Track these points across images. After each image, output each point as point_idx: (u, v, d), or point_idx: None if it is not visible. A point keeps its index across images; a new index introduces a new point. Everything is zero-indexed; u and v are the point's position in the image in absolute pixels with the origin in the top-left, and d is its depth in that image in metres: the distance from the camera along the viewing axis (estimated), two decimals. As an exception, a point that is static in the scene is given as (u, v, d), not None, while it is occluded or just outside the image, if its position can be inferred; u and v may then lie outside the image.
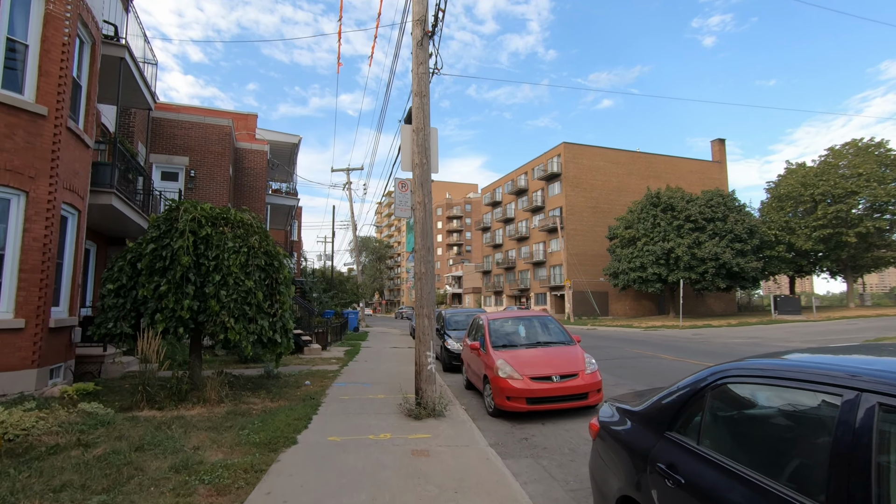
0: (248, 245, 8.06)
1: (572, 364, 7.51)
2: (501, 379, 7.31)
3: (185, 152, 17.32)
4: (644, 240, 38.13)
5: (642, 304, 52.68)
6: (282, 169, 26.93)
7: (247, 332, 7.74)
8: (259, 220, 8.84)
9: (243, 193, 20.23)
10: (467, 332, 10.66)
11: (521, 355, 7.80)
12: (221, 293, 7.62)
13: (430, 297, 7.47)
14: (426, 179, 7.67)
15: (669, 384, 3.12)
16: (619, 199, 53.86)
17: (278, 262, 8.49)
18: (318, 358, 14.27)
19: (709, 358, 14.15)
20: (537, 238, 58.03)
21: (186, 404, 7.20)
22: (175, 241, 7.56)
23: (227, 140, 17.89)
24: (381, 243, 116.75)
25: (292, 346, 9.14)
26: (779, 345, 18.29)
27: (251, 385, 9.20)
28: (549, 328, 8.97)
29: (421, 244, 7.54)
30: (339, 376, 10.81)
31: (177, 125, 17.30)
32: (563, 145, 53.91)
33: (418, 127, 7.77)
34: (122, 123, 14.78)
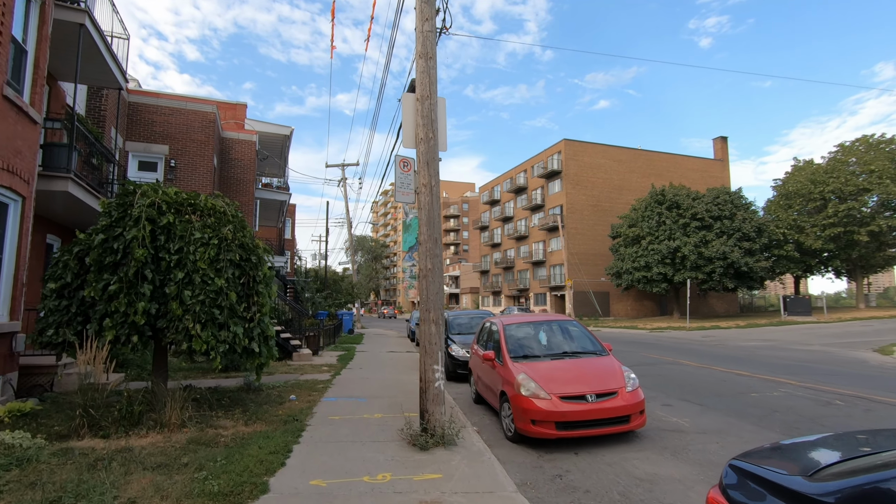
0: (219, 236, 6.75)
1: (609, 380, 6.23)
2: (524, 398, 6.03)
3: (165, 140, 15.96)
4: (649, 238, 36.97)
5: (644, 305, 51.58)
6: (273, 162, 25.57)
7: (216, 340, 6.43)
8: (236, 208, 7.53)
9: (230, 186, 18.87)
10: (476, 338, 9.38)
11: (547, 369, 6.52)
12: (185, 294, 6.31)
13: (438, 298, 6.19)
14: (433, 157, 6.39)
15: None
16: (620, 198, 52.74)
17: (256, 258, 7.19)
18: (307, 365, 12.94)
19: (736, 364, 12.93)
20: (537, 237, 56.83)
21: (140, 430, 5.88)
22: (128, 231, 6.24)
23: (211, 128, 16.54)
24: (377, 242, 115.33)
25: (275, 355, 7.83)
26: (797, 348, 17.14)
27: (226, 401, 7.88)
28: (574, 335, 7.70)
29: (427, 235, 6.26)
30: (329, 388, 9.50)
31: (155, 111, 15.93)
32: (563, 142, 52.72)
33: (423, 95, 6.49)
34: (92, 106, 13.42)
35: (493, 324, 8.29)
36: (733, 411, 7.60)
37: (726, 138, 59.56)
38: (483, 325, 9.30)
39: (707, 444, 5.97)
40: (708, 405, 8.10)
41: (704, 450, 5.74)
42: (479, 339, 9.12)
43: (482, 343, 8.79)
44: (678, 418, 7.27)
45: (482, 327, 9.22)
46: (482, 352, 8.15)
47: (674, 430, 6.67)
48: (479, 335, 9.24)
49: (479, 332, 9.25)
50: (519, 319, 8.16)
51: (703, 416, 7.41)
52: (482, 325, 9.32)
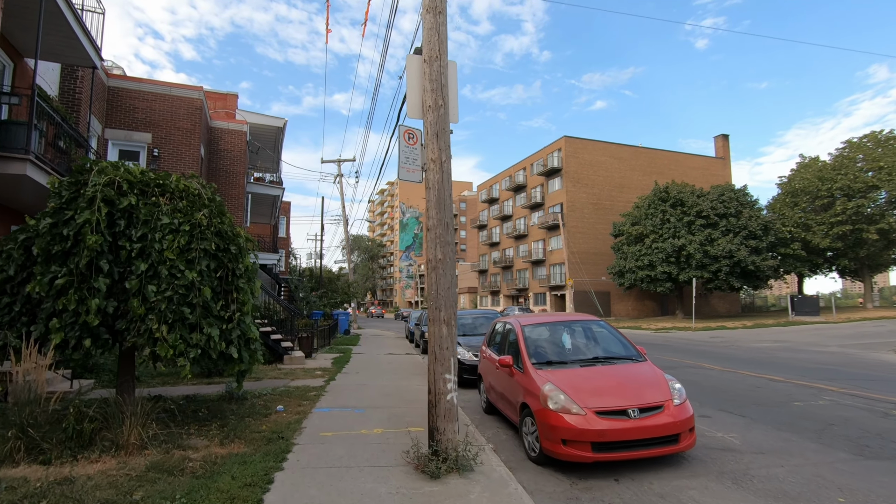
0: (191, 222, 5.75)
1: (653, 391, 5.27)
2: (552, 413, 5.06)
3: (148, 128, 14.90)
4: (652, 237, 36.09)
5: (645, 305, 50.76)
6: (265, 156, 24.54)
7: (186, 344, 5.43)
8: (213, 191, 6.53)
9: (218, 178, 17.83)
10: (486, 340, 8.41)
11: (577, 377, 5.55)
12: (149, 289, 5.31)
13: (450, 294, 5.21)
14: (442, 128, 5.41)
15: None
16: (621, 196, 51.93)
17: (237, 248, 6.19)
18: (299, 369, 11.93)
19: (761, 368, 12.01)
20: (536, 236, 55.94)
21: (91, 452, 4.87)
22: (80, 214, 5.23)
23: (198, 115, 15.50)
24: (373, 242, 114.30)
25: (259, 360, 6.84)
26: (815, 350, 16.28)
27: (203, 413, 6.87)
28: (603, 337, 6.74)
29: (436, 219, 5.28)
30: (322, 396, 8.50)
31: (137, 96, 14.88)
32: (563, 139, 51.85)
33: (431, 55, 5.50)
34: (66, 89, 12.38)
35: (509, 325, 7.31)
36: (784, 425, 6.66)
37: (727, 136, 58.86)
38: (494, 326, 8.33)
39: (771, 468, 5.02)
40: (751, 416, 7.15)
41: (771, 476, 4.79)
42: (490, 342, 8.15)
43: (494, 346, 7.82)
44: (724, 433, 6.32)
45: (494, 329, 8.25)
46: (496, 356, 7.18)
47: (724, 448, 5.71)
48: (490, 337, 8.27)
49: (491, 333, 8.27)
50: (538, 320, 7.18)
51: (750, 430, 6.46)
52: (494, 327, 8.35)
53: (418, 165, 5.54)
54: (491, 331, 8.34)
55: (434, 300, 5.18)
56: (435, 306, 5.17)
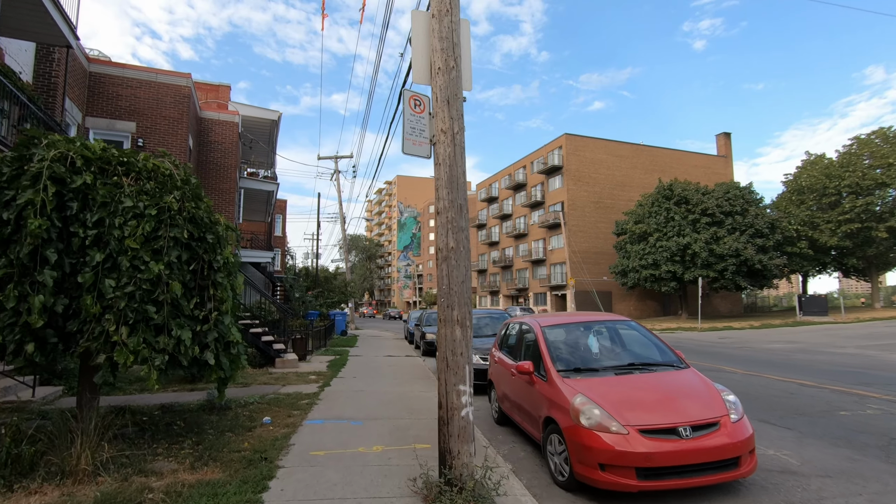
0: (160, 206, 4.91)
1: (705, 404, 4.45)
2: (587, 432, 4.23)
3: (132, 117, 14.03)
4: (657, 235, 35.32)
5: (647, 305, 50.03)
6: (260, 150, 23.66)
7: (151, 348, 4.59)
8: (188, 171, 5.68)
9: (209, 172, 16.97)
10: (497, 343, 7.59)
11: (612, 388, 4.72)
12: (106, 284, 4.47)
13: (464, 289, 4.39)
14: (455, 94, 4.58)
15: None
16: (622, 194, 51.19)
17: (214, 237, 5.35)
18: (292, 373, 11.07)
19: (784, 371, 11.23)
20: (537, 235, 55.15)
21: (31, 481, 4.03)
22: (21, 195, 4.39)
23: (186, 103, 14.64)
24: (371, 242, 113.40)
25: (242, 365, 6.02)
26: (832, 351, 15.53)
27: (178, 426, 6.02)
28: (635, 340, 5.93)
29: (448, 200, 4.46)
30: (315, 405, 7.65)
31: (121, 83, 14.01)
32: (564, 137, 51.08)
33: (442, 10, 4.67)
34: (41, 71, 11.52)
35: (525, 326, 6.48)
36: (840, 439, 5.85)
37: (729, 134, 58.21)
38: (507, 326, 7.50)
39: (849, 497, 4.20)
40: (800, 429, 6.34)
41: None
42: (501, 345, 7.33)
43: (507, 349, 7.00)
44: (775, 450, 5.50)
45: (506, 330, 7.42)
46: (511, 361, 6.36)
47: (783, 469, 4.90)
48: (501, 339, 7.44)
49: (503, 336, 7.44)
50: (560, 320, 6.34)
51: (804, 445, 5.65)
52: (506, 328, 7.53)
53: (426, 138, 4.70)
54: (503, 333, 7.51)
55: (445, 297, 4.35)
56: (446, 304, 4.34)
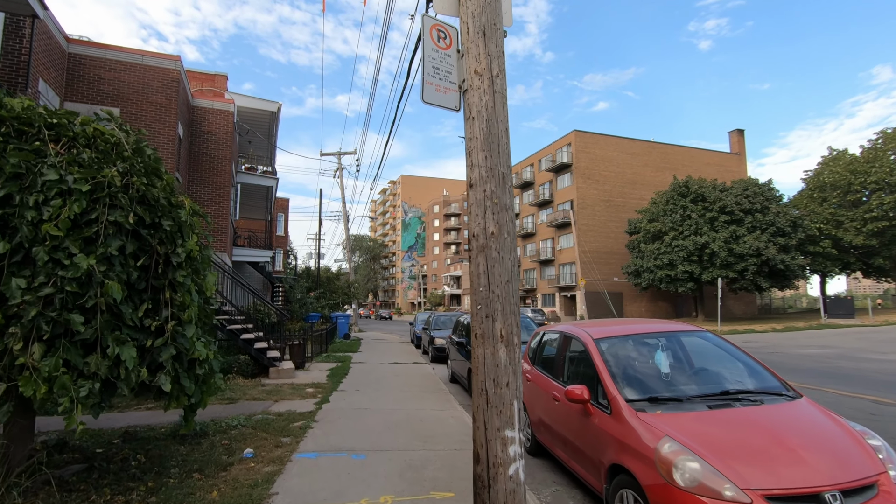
0: (97, 179, 3.67)
1: (849, 455, 3.16)
2: (685, 496, 2.95)
3: (115, 102, 12.86)
4: (672, 234, 33.93)
5: (659, 306, 48.59)
6: (258, 143, 22.50)
7: (78, 373, 3.36)
8: (141, 139, 4.45)
9: (201, 164, 15.80)
10: (527, 355, 6.30)
11: (709, 428, 3.43)
12: (13, 284, 3.24)
13: (510, 291, 3.13)
14: (493, 24, 3.32)
15: None
16: (633, 193, 49.81)
17: (174, 224, 4.11)
18: (287, 385, 9.83)
19: (838, 383, 9.85)
20: (544, 234, 53.81)
21: None
22: None
23: (174, 88, 13.45)
24: (375, 242, 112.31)
25: (219, 388, 4.83)
26: (878, 357, 14.18)
27: (138, 462, 4.79)
28: (718, 358, 4.61)
29: (485, 167, 3.19)
30: (310, 429, 6.40)
31: (103, 65, 12.83)
32: (574, 133, 49.74)
33: (474, -90, 3.41)
34: (10, 48, 10.34)
35: (571, 336, 5.17)
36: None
37: (743, 131, 56.70)
38: (541, 335, 6.22)
39: None
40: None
41: None
42: (535, 358, 6.04)
43: (541, 364, 5.73)
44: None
45: (541, 341, 6.13)
46: (553, 382, 5.09)
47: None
48: (535, 352, 6.15)
49: (537, 346, 6.15)
50: (617, 330, 5.02)
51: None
52: (539, 336, 6.24)
53: (453, 83, 3.42)
54: (537, 343, 6.22)
55: (483, 302, 3.09)
56: (485, 312, 3.08)
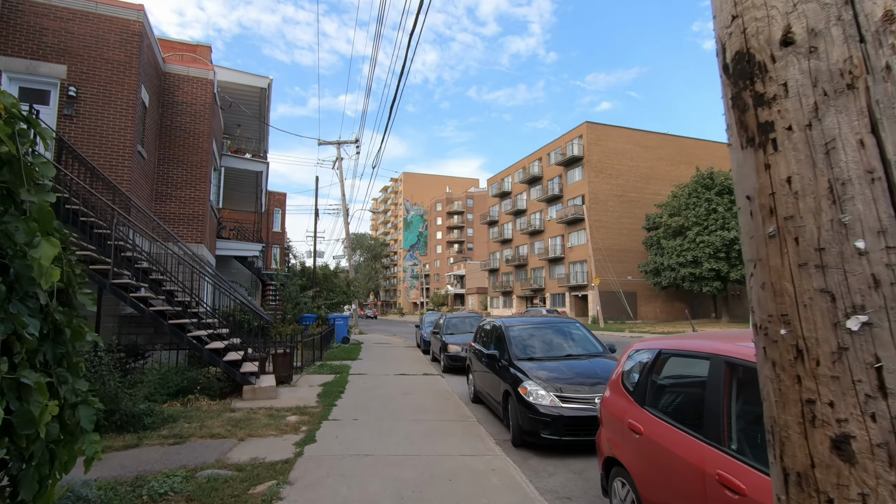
0: None
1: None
2: None
3: (62, 58, 10.55)
4: (696, 229, 31.58)
5: (674, 307, 46.21)
6: (249, 125, 20.17)
7: None
8: None
9: (174, 140, 13.48)
10: (620, 380, 3.95)
11: None
12: None
13: None
14: None
15: None
16: (647, 187, 47.48)
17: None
18: (262, 411, 7.47)
19: None
20: (554, 231, 51.44)
21: None
22: None
23: (136, 44, 11.14)
24: (376, 241, 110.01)
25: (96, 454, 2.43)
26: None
27: None
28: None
29: None
30: (278, 503, 4.07)
31: (46, 13, 10.52)
32: (585, 125, 47.40)
33: None
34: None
35: (737, 360, 2.82)
36: None
37: (760, 124, 54.22)
38: (633, 353, 3.86)
39: None
40: None
41: None
42: (637, 391, 3.69)
43: (651, 400, 3.39)
44: None
45: (636, 359, 3.77)
46: (676, 429, 2.73)
47: None
48: (624, 375, 3.79)
49: (629, 369, 3.79)
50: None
51: None
52: (632, 355, 3.88)
53: None
54: (627, 364, 3.86)
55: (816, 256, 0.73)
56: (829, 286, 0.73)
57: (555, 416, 5.75)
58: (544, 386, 6.07)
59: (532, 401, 5.95)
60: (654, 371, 3.64)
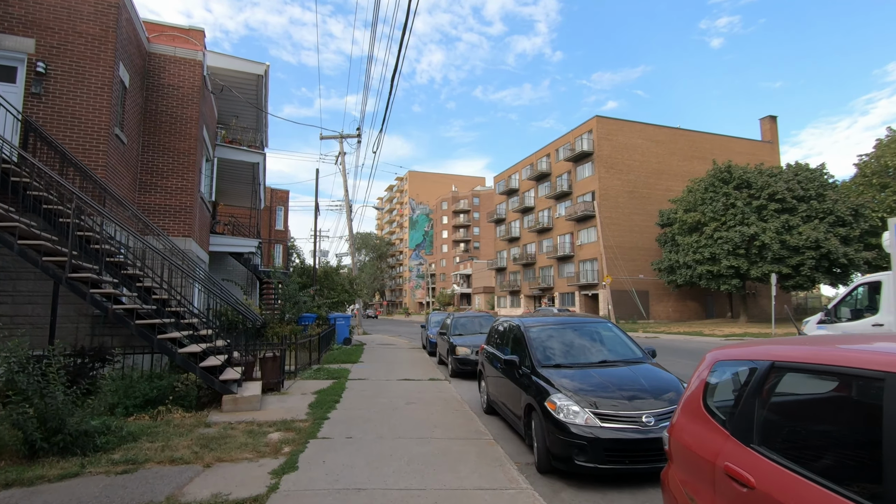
0: None
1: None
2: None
3: (29, 31, 9.56)
4: (714, 225, 30.22)
5: (687, 306, 44.87)
6: (246, 115, 19.16)
7: None
8: None
9: (159, 125, 12.47)
10: (701, 399, 2.84)
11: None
12: None
13: None
14: None
15: None
16: (659, 183, 46.16)
17: None
18: (241, 427, 6.40)
19: None
20: (563, 229, 50.19)
21: None
22: None
23: (113, 16, 10.13)
24: (381, 240, 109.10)
25: None
26: None
27: None
28: None
29: None
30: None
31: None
32: (595, 119, 46.14)
33: None
34: None
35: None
36: None
37: (775, 118, 52.80)
38: (715, 368, 2.74)
39: None
40: None
41: None
42: (727, 416, 2.57)
43: (762, 431, 2.26)
44: None
45: (725, 376, 2.65)
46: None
47: None
48: (705, 392, 2.67)
49: (716, 382, 2.67)
50: None
51: None
52: (718, 371, 2.77)
53: None
54: (712, 377, 2.75)
55: None
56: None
57: (590, 438, 4.64)
58: (577, 400, 4.96)
59: (562, 418, 4.84)
60: (764, 392, 2.51)
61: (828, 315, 11.76)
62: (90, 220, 8.37)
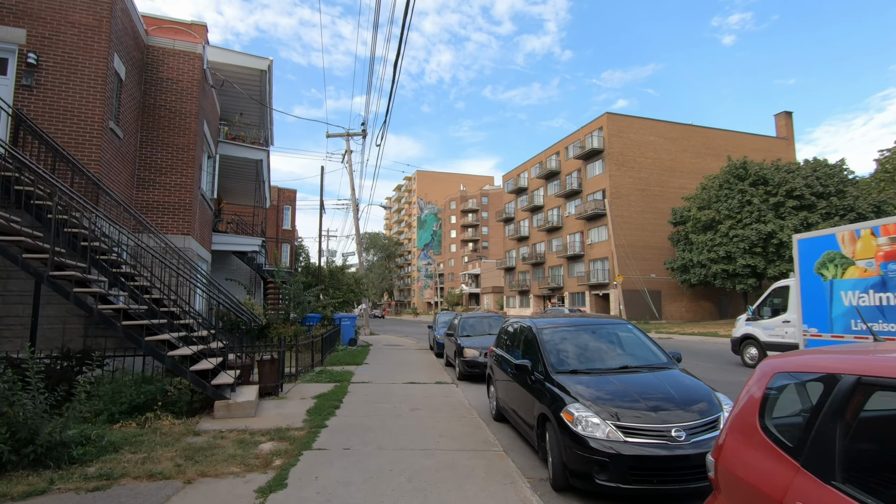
0: None
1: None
2: None
3: (20, 21, 9.22)
4: (729, 223, 29.43)
5: (701, 306, 43.95)
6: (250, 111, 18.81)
7: None
8: None
9: (158, 120, 12.13)
10: (756, 429, 2.33)
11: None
12: None
13: None
14: None
15: None
16: (671, 181, 45.29)
17: None
18: (232, 435, 5.96)
19: None
20: (573, 228, 49.46)
21: None
22: None
23: (107, 4, 9.77)
24: (390, 240, 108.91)
25: None
26: None
27: None
28: None
29: None
30: None
31: (3, -32, 9.19)
32: (606, 116, 45.38)
33: None
34: None
35: None
36: None
37: (791, 113, 51.61)
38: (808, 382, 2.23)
39: None
40: None
41: None
42: (794, 442, 2.06)
43: (845, 465, 1.75)
44: None
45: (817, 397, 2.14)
46: None
47: None
48: (819, 430, 2.15)
49: (823, 415, 2.16)
50: None
51: None
52: (798, 388, 2.25)
53: None
54: (807, 411, 2.24)
55: None
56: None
57: (612, 454, 4.13)
58: (596, 411, 4.45)
59: (580, 431, 4.34)
60: (848, 416, 2.00)
61: (753, 314, 13.25)
62: (80, 217, 8.00)
